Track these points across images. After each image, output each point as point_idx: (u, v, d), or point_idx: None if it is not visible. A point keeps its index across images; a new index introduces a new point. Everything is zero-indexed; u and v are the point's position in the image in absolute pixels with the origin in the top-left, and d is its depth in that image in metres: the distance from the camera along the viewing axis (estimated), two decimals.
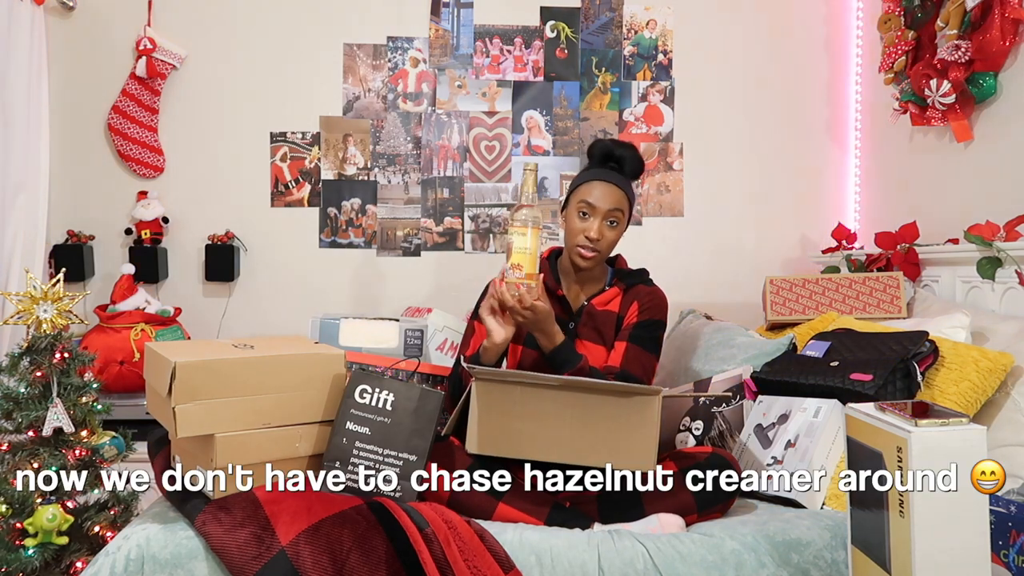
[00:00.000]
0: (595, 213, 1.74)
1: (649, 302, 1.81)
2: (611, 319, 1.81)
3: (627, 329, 1.79)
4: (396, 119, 3.08)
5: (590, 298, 1.83)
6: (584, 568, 1.39)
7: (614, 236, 1.77)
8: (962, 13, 2.25)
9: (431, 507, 1.45)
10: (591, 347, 1.79)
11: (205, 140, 3.02)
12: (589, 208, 1.74)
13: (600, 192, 1.75)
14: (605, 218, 1.74)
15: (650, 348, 1.79)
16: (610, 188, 1.75)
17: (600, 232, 1.73)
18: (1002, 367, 1.75)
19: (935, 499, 1.03)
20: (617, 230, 1.77)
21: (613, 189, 1.75)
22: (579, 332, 1.80)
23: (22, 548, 1.71)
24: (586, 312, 1.81)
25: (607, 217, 1.74)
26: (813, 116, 3.15)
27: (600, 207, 1.74)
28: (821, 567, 1.41)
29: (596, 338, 1.79)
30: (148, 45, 2.87)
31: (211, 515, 1.42)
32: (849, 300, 2.37)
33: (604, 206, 1.74)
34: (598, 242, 1.74)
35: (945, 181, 2.51)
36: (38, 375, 1.80)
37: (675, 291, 2.01)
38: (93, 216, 2.96)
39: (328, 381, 1.59)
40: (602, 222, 1.74)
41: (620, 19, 3.12)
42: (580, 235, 1.75)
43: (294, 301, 3.01)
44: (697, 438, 1.89)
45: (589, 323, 1.80)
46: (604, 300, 1.83)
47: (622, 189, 1.77)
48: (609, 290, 1.84)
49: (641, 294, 1.83)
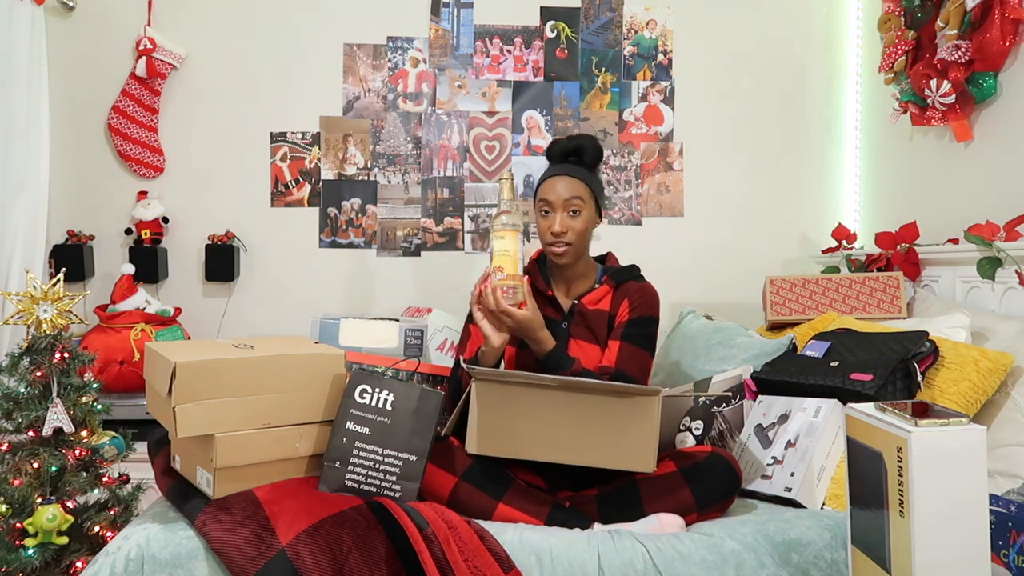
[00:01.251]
0: (553, 208, 1.77)
1: (639, 299, 1.81)
2: (603, 317, 1.81)
3: (619, 328, 1.79)
4: (396, 119, 3.08)
5: (579, 297, 1.83)
6: (584, 568, 1.39)
7: (580, 225, 1.77)
8: (962, 13, 2.25)
9: (431, 507, 1.45)
10: (586, 346, 1.79)
11: (205, 140, 3.02)
12: (547, 205, 1.77)
13: (554, 186, 1.77)
14: (564, 210, 1.76)
15: (644, 345, 1.78)
16: (564, 180, 1.77)
17: (563, 224, 1.75)
18: (1002, 367, 1.75)
19: (935, 499, 1.03)
20: (580, 219, 1.77)
21: (567, 180, 1.77)
22: (572, 332, 1.80)
23: (22, 548, 1.71)
24: (577, 312, 1.82)
25: (566, 208, 1.76)
26: (813, 116, 3.15)
27: (556, 200, 1.76)
28: (821, 567, 1.42)
29: (590, 337, 1.80)
30: (148, 45, 2.87)
31: (211, 515, 1.42)
32: (849, 300, 2.37)
33: (560, 198, 1.76)
34: (564, 235, 1.76)
35: (945, 181, 2.51)
36: (38, 375, 1.80)
37: (675, 291, 2.01)
38: (93, 216, 2.96)
39: (328, 381, 1.59)
40: (563, 214, 1.76)
41: (620, 19, 3.12)
42: (546, 233, 1.77)
43: (294, 301, 3.02)
44: (697, 438, 1.89)
45: (581, 323, 1.81)
46: (594, 299, 1.83)
47: (577, 178, 1.78)
48: (599, 288, 1.84)
49: (631, 291, 1.82)
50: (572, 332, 1.80)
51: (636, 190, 3.13)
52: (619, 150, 3.12)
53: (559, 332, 1.79)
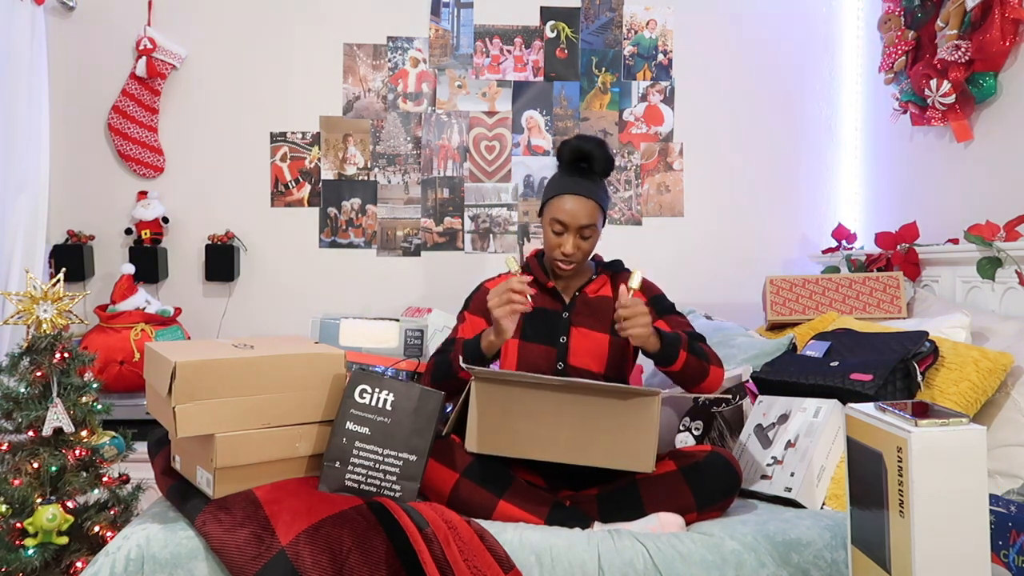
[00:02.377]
0: (568, 230, 1.76)
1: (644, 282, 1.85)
2: (607, 303, 1.83)
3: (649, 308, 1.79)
4: (396, 119, 3.08)
5: (581, 288, 1.85)
6: (584, 568, 1.39)
7: (589, 247, 1.79)
8: (962, 13, 2.25)
9: (431, 507, 1.45)
10: (589, 334, 1.80)
11: (205, 140, 3.02)
12: (562, 226, 1.76)
13: (571, 208, 1.74)
14: (577, 234, 1.76)
15: (678, 313, 1.85)
16: (580, 202, 1.74)
17: (575, 247, 1.76)
18: (1002, 367, 1.75)
19: (935, 499, 1.03)
20: (591, 241, 1.79)
21: (583, 202, 1.74)
22: (574, 321, 1.81)
23: (22, 548, 1.71)
24: (580, 301, 1.84)
25: (580, 233, 1.76)
26: (813, 116, 3.15)
27: (572, 224, 1.75)
28: (821, 567, 1.41)
29: (594, 324, 1.81)
30: (148, 45, 2.87)
31: (211, 515, 1.42)
32: (849, 300, 2.37)
33: (576, 223, 1.74)
34: (573, 255, 1.77)
35: (945, 181, 2.51)
36: (38, 375, 1.80)
37: (675, 291, 2.02)
38: (93, 216, 2.96)
39: (328, 381, 1.59)
40: (575, 238, 1.76)
41: (620, 19, 3.12)
42: (556, 250, 1.78)
43: (294, 301, 3.02)
44: (697, 438, 1.89)
45: (584, 311, 1.82)
46: (595, 288, 1.86)
47: (592, 199, 1.76)
48: (597, 279, 1.87)
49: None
50: (573, 321, 1.81)
51: (636, 190, 3.13)
52: (619, 150, 3.12)
53: (560, 323, 1.80)
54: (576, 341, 1.79)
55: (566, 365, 1.78)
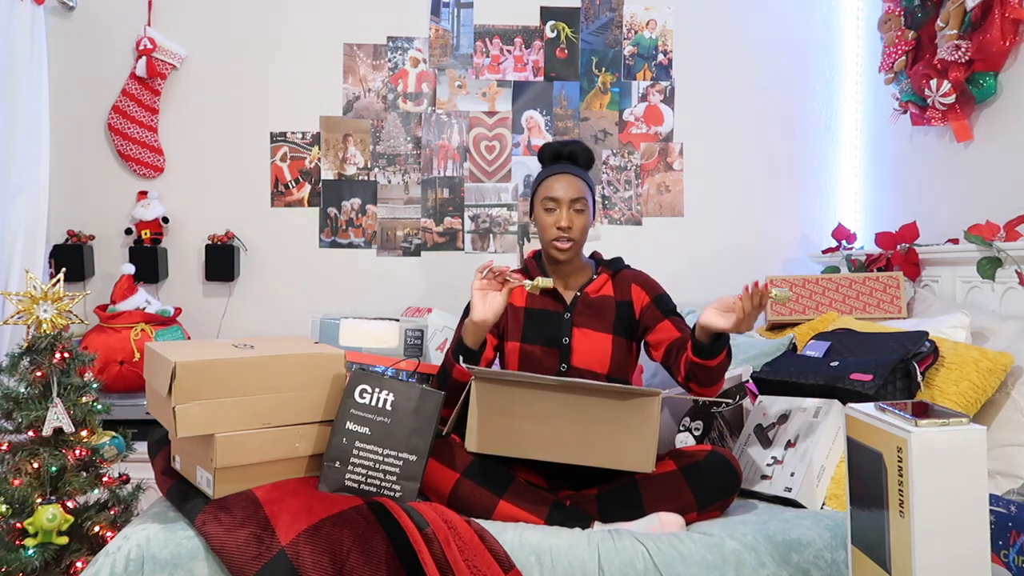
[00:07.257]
0: (560, 204, 1.80)
1: (646, 281, 1.88)
2: (609, 303, 1.83)
3: (653, 309, 1.83)
4: (396, 119, 3.08)
5: (582, 288, 1.85)
6: (584, 568, 1.39)
7: (583, 222, 1.82)
8: (962, 13, 2.25)
9: (431, 507, 1.45)
10: (590, 334, 1.80)
11: (205, 140, 3.02)
12: (554, 202, 1.81)
13: (560, 184, 1.81)
14: (570, 207, 1.80)
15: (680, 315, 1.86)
16: (569, 179, 1.82)
17: (570, 220, 1.79)
18: (1002, 367, 1.75)
19: (935, 499, 1.03)
20: (585, 216, 1.82)
21: (572, 179, 1.82)
22: (575, 321, 1.81)
23: (22, 548, 1.71)
24: (581, 301, 1.84)
25: (572, 206, 1.80)
26: (813, 116, 3.15)
27: (564, 197, 1.80)
28: (821, 567, 1.41)
29: (595, 324, 1.81)
30: (148, 45, 2.87)
31: (211, 515, 1.42)
32: (849, 300, 2.37)
33: (567, 196, 1.80)
34: (570, 230, 1.79)
35: (945, 181, 2.51)
36: (38, 375, 1.80)
37: (675, 291, 2.02)
38: (93, 216, 2.95)
39: (328, 381, 1.59)
40: (569, 211, 1.80)
41: (620, 19, 3.12)
42: (551, 228, 1.80)
43: (294, 301, 3.02)
44: (697, 438, 1.90)
45: (586, 311, 1.82)
46: (596, 287, 1.86)
47: (580, 177, 1.83)
48: (598, 278, 1.88)
49: (637, 277, 1.89)
50: (575, 322, 1.81)
51: (636, 190, 3.13)
52: (619, 150, 3.12)
53: (561, 323, 1.81)
54: (579, 342, 1.79)
55: (569, 367, 1.78)
